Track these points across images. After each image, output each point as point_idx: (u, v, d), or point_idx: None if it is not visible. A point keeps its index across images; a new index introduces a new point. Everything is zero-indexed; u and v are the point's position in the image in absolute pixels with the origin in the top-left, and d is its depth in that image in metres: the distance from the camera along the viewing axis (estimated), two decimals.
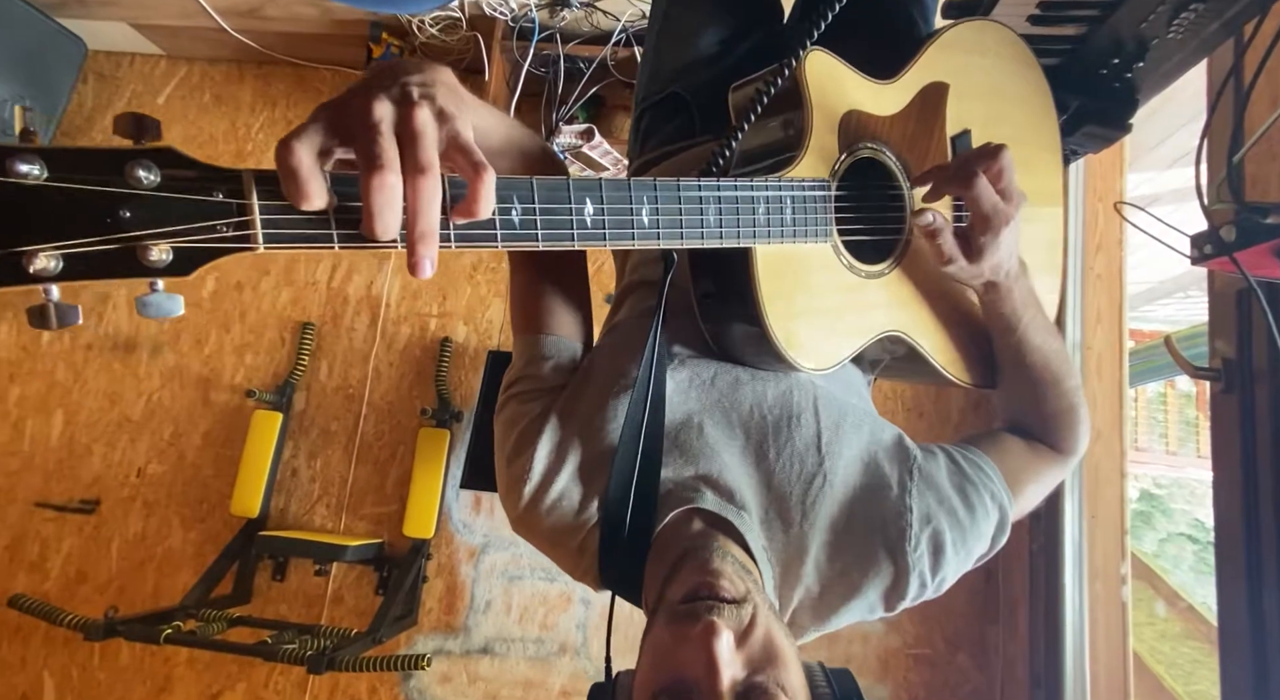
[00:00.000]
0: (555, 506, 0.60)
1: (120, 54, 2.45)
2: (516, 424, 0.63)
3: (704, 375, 0.65)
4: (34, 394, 2.24)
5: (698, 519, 0.60)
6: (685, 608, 0.48)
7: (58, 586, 2.11)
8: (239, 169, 0.35)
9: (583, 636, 1.98)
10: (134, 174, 0.33)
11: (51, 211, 0.32)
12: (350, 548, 1.88)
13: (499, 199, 0.41)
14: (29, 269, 0.32)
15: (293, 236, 0.37)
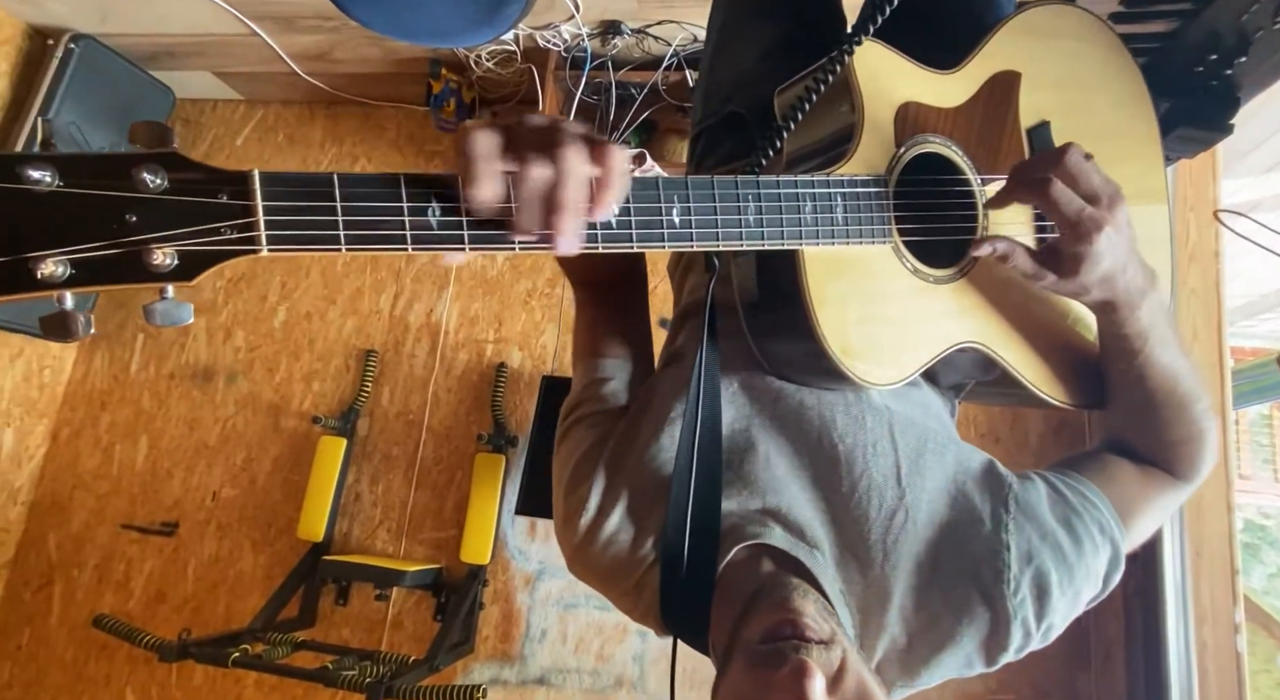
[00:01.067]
0: (611, 542, 0.57)
1: (204, 101, 2.62)
2: (574, 454, 0.61)
3: (764, 400, 0.61)
4: (123, 421, 2.38)
5: (766, 558, 0.55)
6: (768, 649, 0.45)
7: (140, 605, 2.21)
8: (245, 170, 0.36)
9: (640, 670, 1.92)
10: (141, 178, 0.33)
11: (62, 218, 0.32)
12: (409, 573, 1.89)
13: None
14: (38, 275, 0.32)
15: (298, 237, 0.36)
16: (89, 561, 2.27)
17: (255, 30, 2.11)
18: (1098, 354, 0.65)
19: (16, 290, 0.32)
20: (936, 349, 0.58)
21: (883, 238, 0.54)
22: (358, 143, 2.51)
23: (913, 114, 0.58)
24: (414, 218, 0.38)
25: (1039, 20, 0.66)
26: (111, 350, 2.44)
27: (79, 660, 2.20)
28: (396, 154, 2.47)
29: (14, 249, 0.32)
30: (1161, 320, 0.59)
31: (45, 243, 0.32)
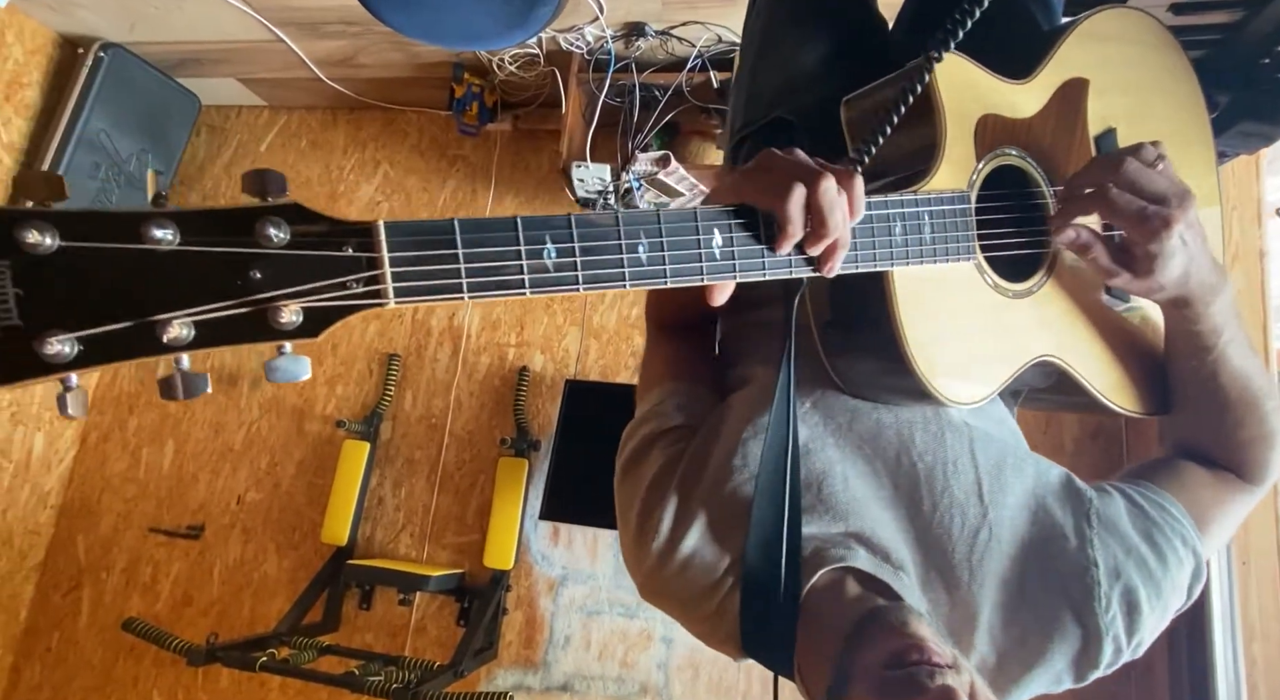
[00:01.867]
0: (686, 566, 0.55)
1: (229, 107, 2.64)
2: (644, 477, 0.60)
3: (839, 419, 0.59)
4: (149, 424, 2.40)
5: (851, 580, 0.54)
6: (900, 675, 0.43)
7: (167, 608, 2.23)
8: (368, 221, 0.34)
9: (664, 677, 1.90)
10: (264, 232, 0.32)
11: (185, 277, 0.31)
12: (433, 578, 1.89)
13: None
14: (163, 339, 0.31)
15: (423, 288, 0.35)
16: (117, 564, 2.30)
17: (280, 36, 2.13)
18: (1163, 359, 0.65)
19: (141, 354, 0.31)
20: (1016, 364, 0.57)
21: (967, 255, 0.54)
22: (380, 147, 2.52)
23: (991, 126, 0.57)
24: (531, 260, 0.37)
25: (1102, 24, 0.65)
26: None
27: (107, 662, 2.22)
28: (419, 158, 2.47)
29: (139, 312, 0.31)
30: (1232, 317, 0.58)
31: (170, 304, 0.31)
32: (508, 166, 2.41)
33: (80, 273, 0.30)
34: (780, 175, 0.43)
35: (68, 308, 0.30)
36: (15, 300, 0.30)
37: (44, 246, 0.29)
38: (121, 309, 0.31)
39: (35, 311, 0.30)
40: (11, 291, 0.30)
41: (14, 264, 0.29)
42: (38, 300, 0.30)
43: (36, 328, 0.30)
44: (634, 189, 1.95)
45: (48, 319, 0.30)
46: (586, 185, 1.97)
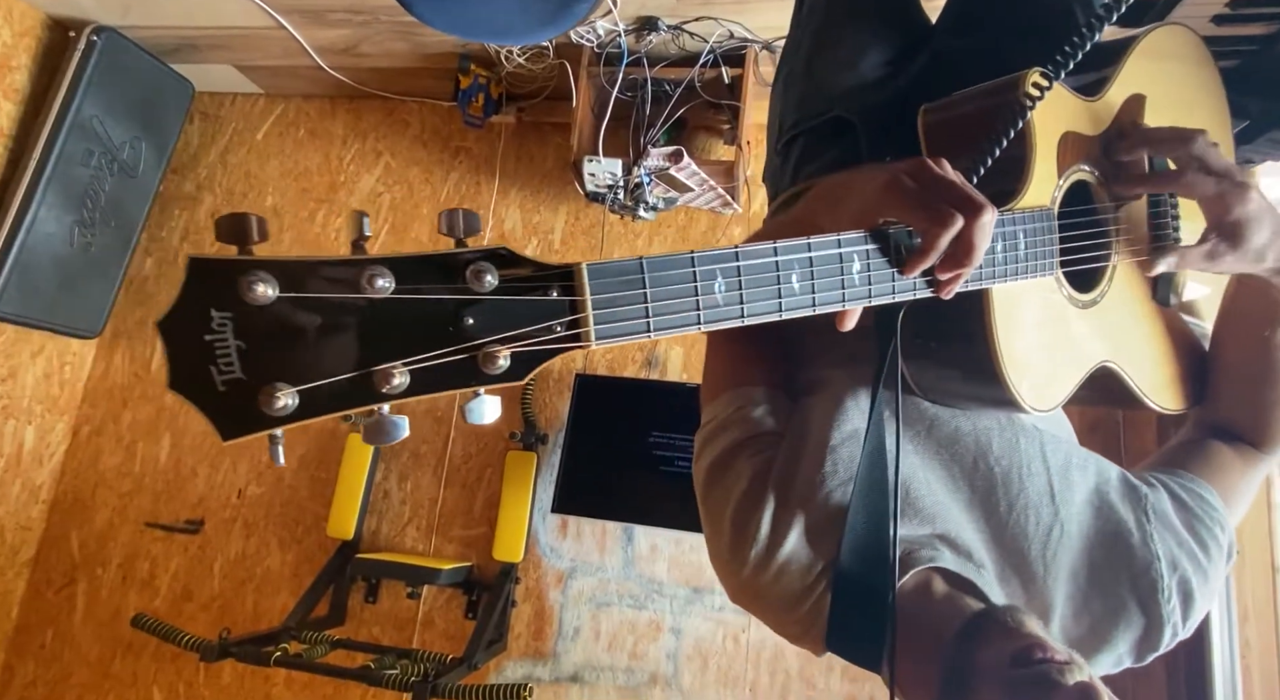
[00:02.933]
0: (783, 571, 0.57)
1: (223, 94, 2.59)
2: (736, 484, 0.61)
3: (917, 427, 0.62)
4: (145, 418, 2.35)
5: (938, 579, 0.57)
6: (1030, 674, 0.46)
7: (166, 603, 2.20)
8: (570, 264, 0.34)
9: (674, 667, 1.93)
10: (476, 278, 0.32)
11: (400, 324, 0.31)
12: (444, 571, 1.89)
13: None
14: (381, 388, 0.31)
15: (617, 330, 0.36)
16: (112, 560, 2.26)
17: (282, 24, 2.09)
18: (1204, 351, 0.70)
19: (359, 403, 0.31)
20: (1083, 371, 0.60)
21: (1051, 269, 0.56)
22: (380, 138, 2.49)
23: (1070, 143, 0.59)
24: (704, 296, 0.38)
25: (1158, 42, 0.68)
26: (132, 347, 2.42)
27: (104, 658, 2.19)
28: (421, 149, 2.45)
29: (358, 362, 0.30)
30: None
31: (388, 353, 0.31)
32: (512, 159, 2.39)
33: (299, 323, 0.30)
34: (939, 198, 0.44)
35: (288, 360, 0.30)
36: (238, 353, 0.29)
37: (265, 298, 0.29)
38: (341, 359, 0.31)
39: (257, 365, 0.30)
40: (234, 344, 0.29)
41: (236, 316, 0.29)
42: (259, 353, 0.30)
43: (259, 381, 0.30)
44: (644, 184, 1.95)
45: (269, 372, 0.30)
46: (597, 180, 1.97)
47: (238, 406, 0.30)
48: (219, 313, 0.29)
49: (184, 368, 0.29)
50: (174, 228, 2.51)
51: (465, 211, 0.34)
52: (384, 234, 2.41)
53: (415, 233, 2.39)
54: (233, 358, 0.29)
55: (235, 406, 0.30)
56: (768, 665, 1.90)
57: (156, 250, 2.49)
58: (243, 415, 0.30)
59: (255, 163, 2.53)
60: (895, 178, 0.45)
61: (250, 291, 0.29)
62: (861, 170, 0.57)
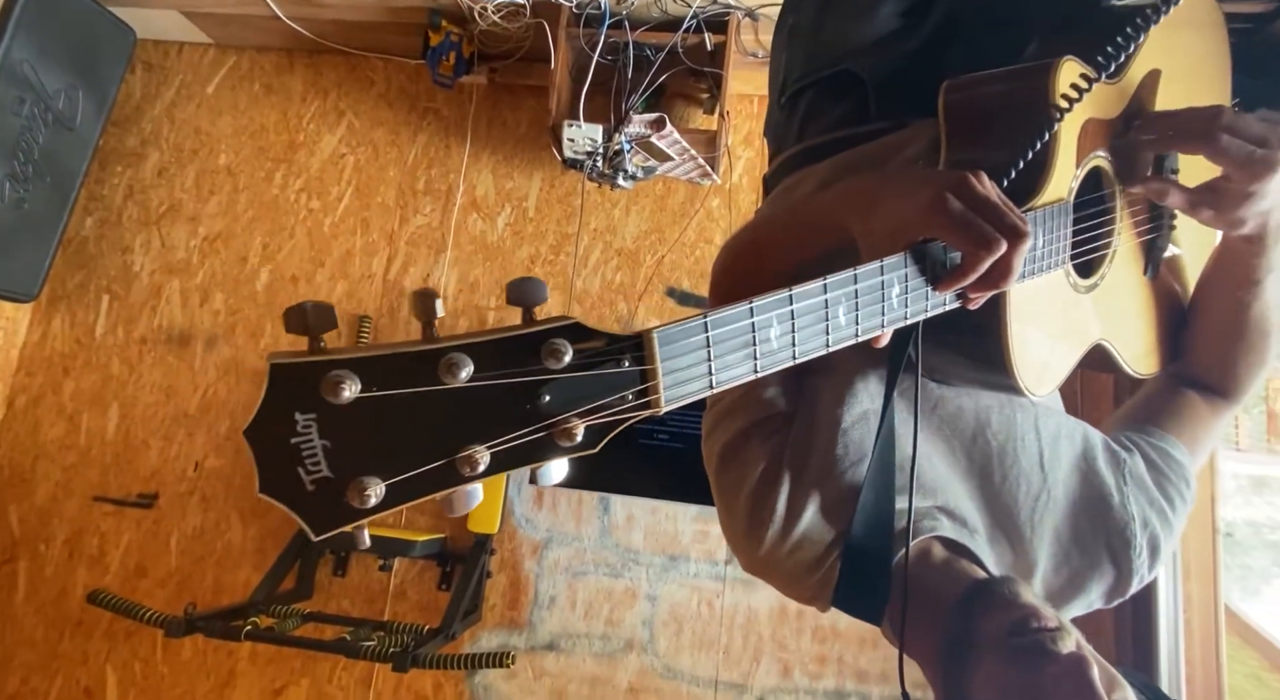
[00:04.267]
0: (799, 547, 0.61)
1: (169, 43, 2.42)
2: (752, 466, 0.63)
3: (924, 406, 0.65)
4: (89, 388, 2.22)
5: (937, 545, 0.62)
6: (1026, 642, 0.49)
7: (118, 580, 2.11)
8: (639, 332, 0.34)
9: (649, 633, 1.96)
10: (551, 356, 0.32)
11: (479, 408, 0.31)
12: (418, 543, 1.86)
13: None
14: (464, 472, 0.31)
15: (683, 394, 0.36)
16: (57, 536, 2.14)
17: None
18: (1183, 311, 0.75)
19: (443, 488, 0.31)
20: (1081, 353, 0.63)
21: (1062, 263, 0.57)
22: (343, 96, 2.37)
23: (1090, 131, 0.59)
24: (761, 345, 0.38)
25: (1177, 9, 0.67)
26: (72, 312, 2.27)
27: (50, 639, 2.09)
28: (387, 109, 2.35)
29: (442, 450, 0.31)
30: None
31: (469, 437, 0.31)
32: (484, 122, 2.32)
33: (382, 417, 0.30)
34: (984, 221, 0.44)
35: (373, 453, 0.30)
36: (324, 452, 0.30)
37: (348, 397, 0.29)
38: (424, 448, 0.31)
39: (343, 461, 0.30)
40: (319, 444, 0.30)
41: (320, 417, 0.29)
42: (345, 450, 0.30)
43: (346, 478, 0.30)
44: (624, 151, 1.92)
45: (356, 467, 0.30)
46: (576, 145, 1.92)
47: (327, 504, 0.30)
48: (303, 415, 0.30)
49: (272, 472, 0.30)
50: (116, 185, 2.35)
51: (532, 280, 0.34)
52: (348, 197, 2.31)
53: (381, 197, 2.30)
54: (319, 457, 0.30)
55: (324, 504, 0.30)
56: (741, 629, 1.95)
57: (97, 209, 2.33)
58: (332, 512, 0.30)
59: (206, 118, 2.38)
60: (940, 196, 0.46)
61: (335, 393, 0.29)
62: (894, 177, 0.58)
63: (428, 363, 0.30)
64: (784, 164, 0.79)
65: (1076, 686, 0.45)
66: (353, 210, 2.30)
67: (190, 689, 2.03)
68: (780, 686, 1.91)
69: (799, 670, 1.92)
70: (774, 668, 1.92)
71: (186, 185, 2.34)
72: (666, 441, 1.93)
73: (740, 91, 2.21)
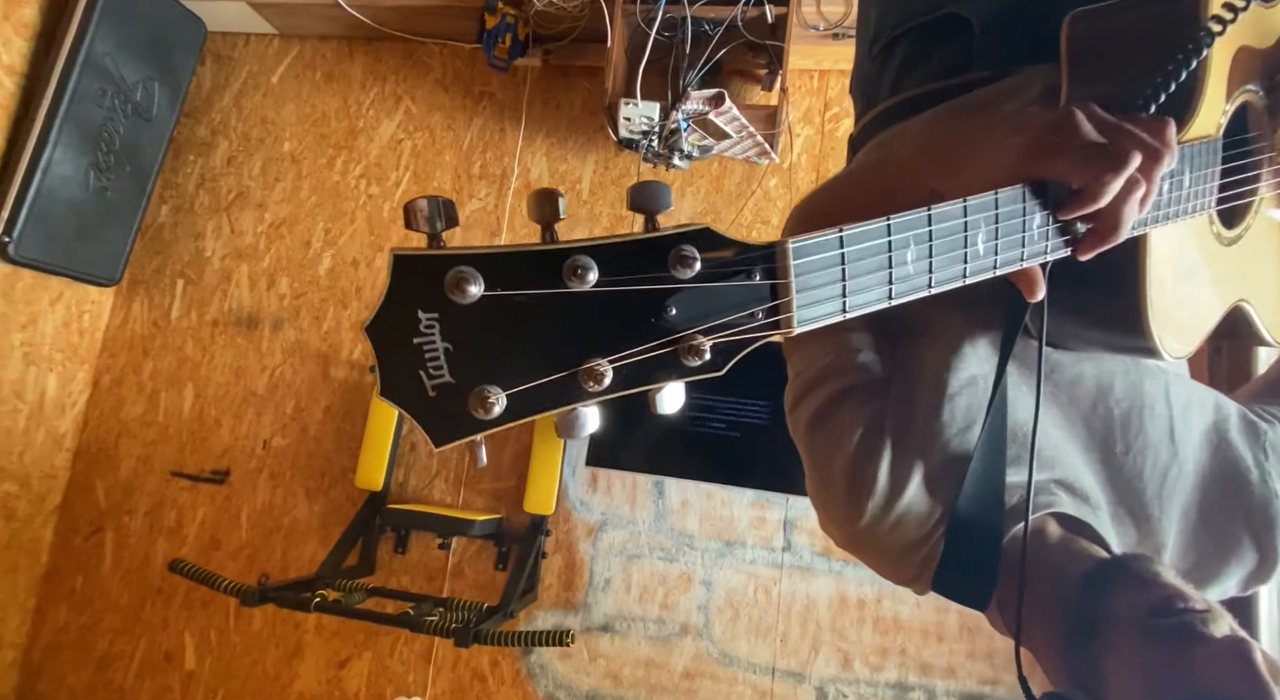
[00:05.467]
0: (901, 521, 0.57)
1: (236, 35, 2.49)
2: (848, 433, 0.59)
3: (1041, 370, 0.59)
4: (166, 368, 2.33)
5: (1052, 523, 0.57)
6: (1171, 623, 0.45)
7: (194, 551, 2.21)
8: (773, 243, 0.32)
9: (705, 618, 1.94)
10: (680, 264, 0.30)
11: (604, 318, 0.29)
12: (476, 522, 1.88)
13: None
14: (587, 387, 0.29)
15: (815, 315, 0.33)
16: (139, 508, 2.26)
17: None
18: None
19: (565, 403, 0.30)
20: (1221, 313, 0.57)
21: (1207, 207, 0.51)
22: (400, 81, 2.40)
23: (1241, 60, 0.53)
24: (897, 267, 0.35)
25: None
26: (150, 296, 2.38)
27: (134, 604, 2.20)
28: (443, 94, 2.36)
29: (564, 361, 0.29)
30: None
31: (593, 349, 0.29)
32: (538, 104, 2.31)
33: (504, 321, 0.28)
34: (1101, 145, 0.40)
35: (495, 360, 0.29)
36: (445, 356, 0.28)
37: (472, 296, 0.28)
38: (546, 358, 0.29)
39: (465, 367, 0.29)
40: (441, 346, 0.28)
41: (442, 317, 0.28)
42: (467, 354, 0.29)
43: (469, 385, 0.29)
44: (680, 130, 1.88)
45: (478, 375, 0.29)
46: (632, 125, 1.90)
47: (449, 412, 0.29)
48: (426, 314, 0.28)
49: (394, 374, 0.29)
50: (189, 174, 2.44)
51: (655, 183, 0.31)
52: (405, 182, 2.35)
53: (438, 181, 2.33)
54: (441, 361, 0.29)
55: (446, 412, 0.29)
56: (799, 617, 1.91)
57: (172, 197, 2.43)
58: (453, 421, 0.29)
59: (271, 107, 2.44)
60: (1040, 135, 0.41)
61: (459, 290, 0.28)
62: (982, 126, 0.53)
63: (552, 264, 0.28)
64: (875, 120, 0.74)
65: (1237, 669, 0.41)
66: (410, 195, 2.34)
67: (260, 658, 2.11)
68: (840, 677, 1.87)
69: (859, 661, 1.87)
70: (833, 658, 1.88)
71: (254, 173, 2.41)
72: (721, 429, 1.90)
73: (801, 66, 2.14)
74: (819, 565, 1.93)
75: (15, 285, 2.08)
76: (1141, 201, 0.41)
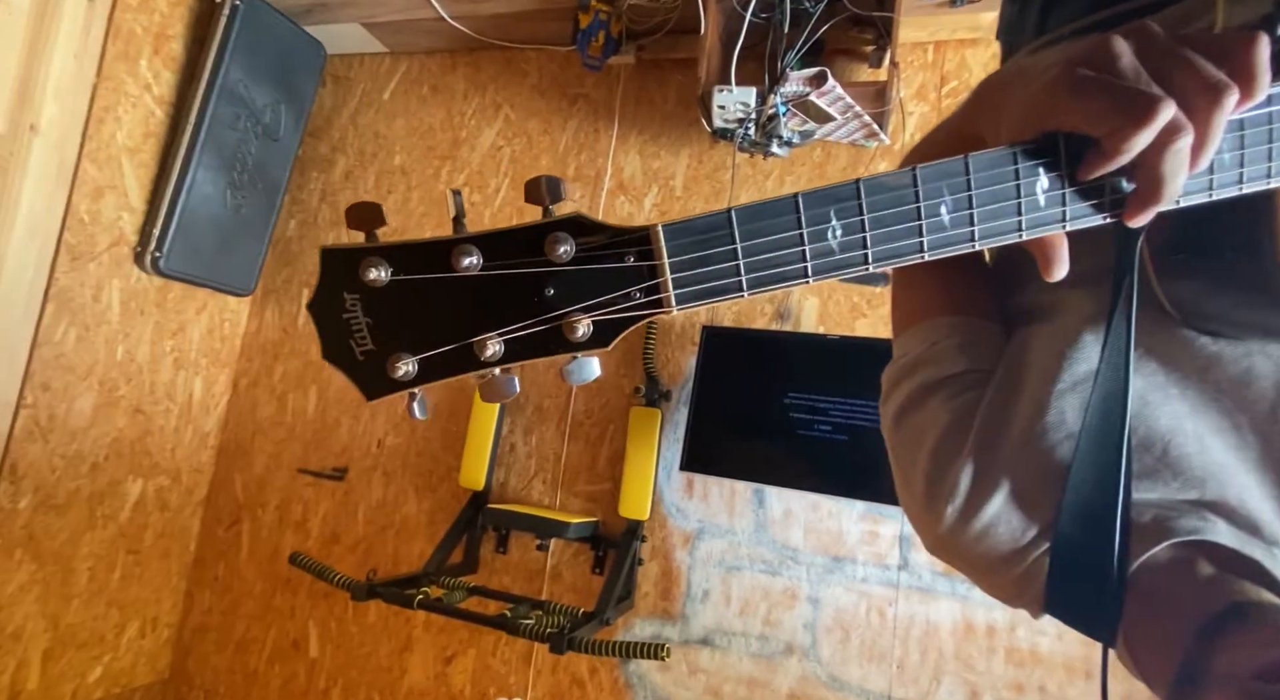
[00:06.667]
0: (987, 533, 0.48)
1: (352, 56, 2.64)
2: (930, 429, 0.52)
3: (1185, 366, 0.47)
4: (293, 372, 2.50)
5: (1203, 559, 0.44)
6: (1273, 692, 0.35)
7: (317, 545, 2.34)
8: (645, 227, 0.34)
9: (811, 638, 1.81)
10: (553, 249, 0.34)
11: (491, 298, 0.34)
12: (572, 525, 1.86)
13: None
14: (481, 357, 0.34)
15: (701, 292, 0.35)
16: (270, 502, 2.43)
17: None
18: None
19: (464, 370, 0.35)
20: None
21: None
22: (499, 89, 2.45)
23: None
24: (814, 243, 0.34)
25: None
26: (280, 304, 2.56)
27: (266, 592, 2.37)
28: (539, 99, 2.38)
29: (460, 334, 0.34)
30: None
31: (486, 324, 0.34)
32: (631, 102, 2.28)
33: (411, 300, 0.34)
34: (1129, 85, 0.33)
35: (405, 332, 0.35)
36: (368, 328, 0.35)
37: (381, 280, 0.34)
38: (446, 331, 0.34)
39: (383, 337, 0.35)
40: (364, 321, 0.35)
41: (362, 297, 0.34)
42: (383, 327, 0.35)
43: (386, 352, 0.35)
44: (779, 115, 1.77)
45: (393, 343, 0.35)
46: (726, 113, 1.81)
47: (374, 373, 0.35)
48: (349, 295, 0.35)
49: (332, 342, 0.36)
50: (312, 190, 2.61)
51: (549, 178, 0.35)
52: (505, 188, 2.38)
53: None
54: (365, 332, 0.35)
55: (372, 373, 0.36)
56: (918, 643, 1.74)
57: (298, 212, 2.60)
58: (378, 380, 0.36)
59: (383, 123, 2.57)
60: (1066, 69, 0.34)
61: (368, 276, 0.34)
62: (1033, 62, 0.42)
63: (442, 252, 0.34)
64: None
65: None
66: (509, 200, 2.37)
67: (375, 649, 2.20)
68: None
69: (990, 696, 1.67)
70: (959, 690, 1.69)
71: (369, 186, 2.54)
72: (828, 433, 1.76)
73: (913, 39, 1.96)
74: (940, 587, 1.74)
75: (166, 296, 2.30)
76: (1195, 154, 0.33)
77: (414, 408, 0.36)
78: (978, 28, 1.89)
